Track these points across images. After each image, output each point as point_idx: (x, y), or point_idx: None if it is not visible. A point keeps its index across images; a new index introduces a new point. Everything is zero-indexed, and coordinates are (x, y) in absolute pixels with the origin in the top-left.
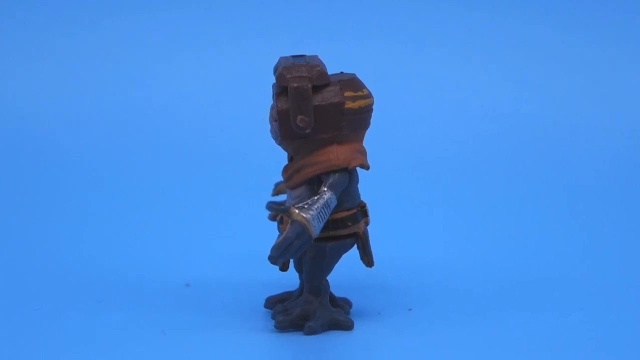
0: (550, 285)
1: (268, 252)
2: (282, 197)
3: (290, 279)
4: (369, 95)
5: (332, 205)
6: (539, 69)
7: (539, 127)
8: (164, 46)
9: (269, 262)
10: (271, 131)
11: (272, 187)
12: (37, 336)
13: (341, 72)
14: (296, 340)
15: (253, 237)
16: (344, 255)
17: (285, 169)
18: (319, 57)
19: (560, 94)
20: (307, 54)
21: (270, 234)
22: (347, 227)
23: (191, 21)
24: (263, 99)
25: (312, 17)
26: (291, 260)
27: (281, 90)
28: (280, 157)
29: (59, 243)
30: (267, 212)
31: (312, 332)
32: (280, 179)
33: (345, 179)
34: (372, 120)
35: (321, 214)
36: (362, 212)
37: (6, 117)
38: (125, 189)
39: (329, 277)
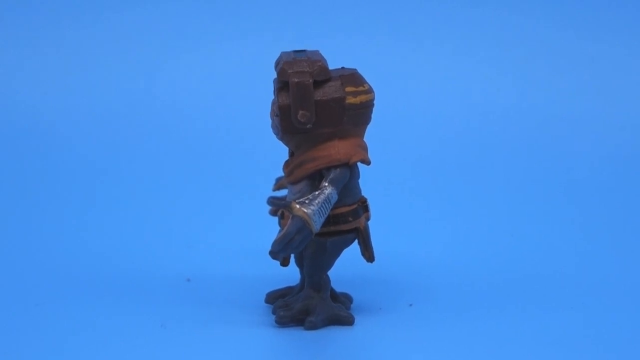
0: (553, 281)
1: (269, 247)
2: (283, 192)
3: (291, 274)
4: (370, 91)
5: (333, 201)
6: (542, 65)
7: (542, 123)
8: (166, 42)
9: (269, 257)
10: (272, 126)
11: (273, 182)
12: (39, 331)
13: (342, 67)
14: (297, 336)
15: (254, 232)
16: (345, 251)
17: (287, 164)
18: (320, 52)
19: (563, 91)
20: (309, 48)
21: (271, 229)
22: (348, 222)
23: (193, 16)
24: (264, 94)
25: (313, 12)
26: (292, 255)
27: (282, 85)
28: (281, 152)
29: (61, 238)
30: (268, 207)
31: (313, 327)
32: (282, 173)
33: (346, 174)
34: (373, 116)
35: (322, 209)
36: (363, 207)
37: (13, 111)
38: (126, 184)
39: (330, 272)
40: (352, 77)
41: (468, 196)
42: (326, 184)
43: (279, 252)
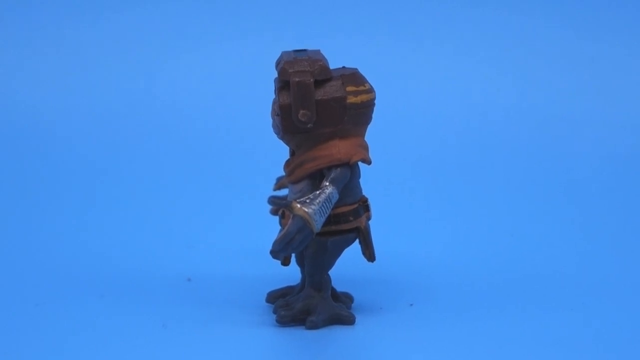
0: (553, 281)
1: (269, 247)
2: (284, 192)
3: (291, 274)
4: (371, 90)
5: (334, 200)
6: (542, 65)
7: (542, 123)
8: (166, 42)
9: (270, 257)
10: (273, 126)
11: (274, 181)
12: (39, 331)
13: (343, 67)
14: (298, 335)
15: (255, 232)
16: (346, 250)
17: (287, 163)
18: (321, 51)
19: (563, 91)
20: (309, 48)
21: (271, 228)
22: (349, 222)
23: (193, 16)
24: (265, 94)
25: (313, 11)
26: (293, 255)
27: (283, 84)
28: (281, 151)
29: (61, 238)
30: (269, 207)
31: (314, 326)
32: (282, 173)
33: (347, 174)
34: (374, 115)
35: (323, 208)
36: (364, 206)
37: (13, 111)
38: (127, 184)
39: (331, 272)
40: (353, 77)
41: (468, 196)
42: (327, 184)
43: (280, 251)
